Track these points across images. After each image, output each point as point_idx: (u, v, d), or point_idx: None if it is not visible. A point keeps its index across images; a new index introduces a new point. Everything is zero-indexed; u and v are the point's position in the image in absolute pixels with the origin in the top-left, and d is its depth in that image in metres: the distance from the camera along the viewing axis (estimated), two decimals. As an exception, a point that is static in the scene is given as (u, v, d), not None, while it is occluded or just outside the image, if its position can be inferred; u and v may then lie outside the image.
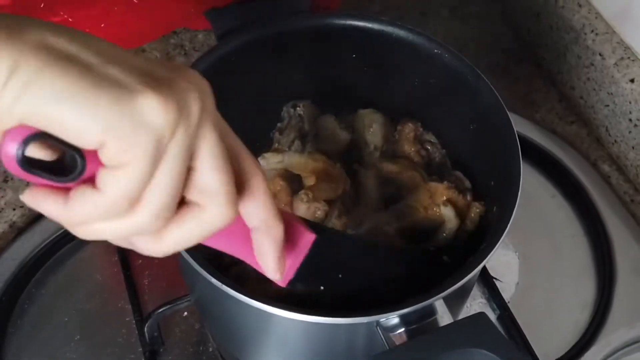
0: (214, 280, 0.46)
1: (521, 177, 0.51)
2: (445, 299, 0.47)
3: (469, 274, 0.46)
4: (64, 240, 0.70)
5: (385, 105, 0.63)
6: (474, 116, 0.57)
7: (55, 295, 0.69)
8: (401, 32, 0.58)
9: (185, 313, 0.67)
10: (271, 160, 0.59)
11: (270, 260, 0.37)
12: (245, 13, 0.59)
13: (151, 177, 0.30)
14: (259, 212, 0.36)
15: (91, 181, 0.31)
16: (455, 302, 0.53)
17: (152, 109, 0.29)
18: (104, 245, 0.72)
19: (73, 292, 0.69)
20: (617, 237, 0.73)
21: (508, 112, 0.79)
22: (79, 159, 0.30)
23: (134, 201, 0.30)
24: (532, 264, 0.72)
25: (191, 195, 0.33)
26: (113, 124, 0.28)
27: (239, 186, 0.34)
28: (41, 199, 0.31)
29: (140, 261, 0.71)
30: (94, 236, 0.32)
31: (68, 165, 0.30)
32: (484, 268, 0.70)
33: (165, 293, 0.68)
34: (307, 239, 0.40)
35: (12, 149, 0.29)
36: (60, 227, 0.33)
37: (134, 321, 0.66)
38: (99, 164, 0.30)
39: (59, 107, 0.28)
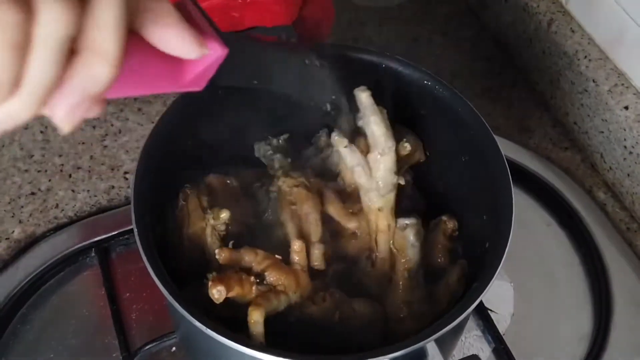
0: (197, 324, 0.44)
1: (513, 212, 0.49)
2: (437, 340, 0.46)
3: (461, 315, 0.45)
4: (50, 274, 0.69)
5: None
6: (465, 148, 0.56)
7: (41, 330, 0.67)
8: (390, 63, 0.57)
9: (174, 349, 0.66)
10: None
11: (180, 35, 0.33)
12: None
13: None
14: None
15: None
16: (448, 340, 0.52)
17: None
18: (91, 279, 0.72)
19: (59, 327, 0.67)
20: (613, 266, 0.72)
21: (502, 139, 0.81)
22: None
23: None
24: (528, 295, 0.71)
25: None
26: None
27: None
28: None
29: (127, 294, 0.69)
30: None
31: None
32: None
33: (153, 328, 0.66)
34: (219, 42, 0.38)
35: None
36: (47, 260, 0.31)
37: (120, 357, 0.64)
38: None
39: None
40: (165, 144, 0.54)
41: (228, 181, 0.58)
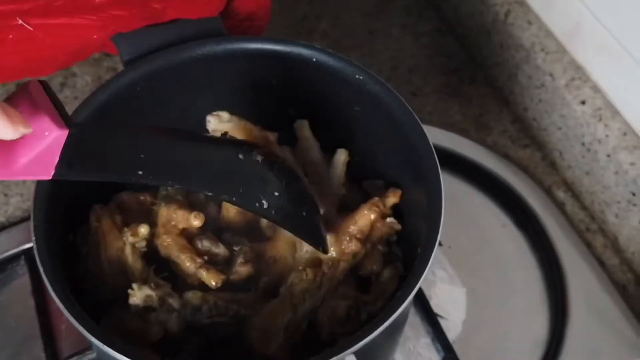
0: (97, 342, 0.41)
1: (442, 214, 0.46)
2: (359, 353, 0.42)
3: (378, 329, 0.41)
4: (-24, 283, 0.65)
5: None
6: (399, 144, 0.52)
7: (-34, 342, 0.64)
8: (321, 57, 0.54)
9: (103, 361, 0.62)
10: (224, 117, 0.56)
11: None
12: (153, 38, 0.54)
13: None
14: None
15: None
16: (374, 352, 0.49)
17: None
18: (19, 288, 0.68)
19: (-15, 339, 0.64)
20: (571, 269, 0.68)
21: (458, 136, 0.77)
22: None
23: None
24: (481, 300, 0.67)
25: None
26: None
27: None
28: None
29: (57, 305, 0.65)
30: None
31: None
32: (427, 305, 0.65)
33: (83, 340, 0.63)
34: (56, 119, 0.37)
35: None
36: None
37: (48, 370, 0.61)
38: None
39: None
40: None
41: (142, 197, 0.54)
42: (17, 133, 0.35)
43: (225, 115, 0.57)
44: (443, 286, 0.67)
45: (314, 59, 0.54)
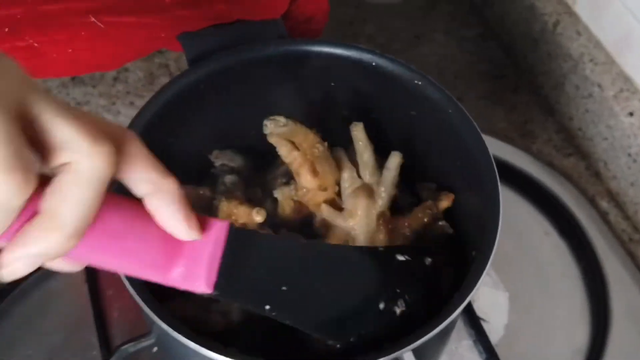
0: (164, 326, 0.43)
1: (500, 220, 0.47)
2: (415, 350, 0.44)
3: (441, 325, 0.42)
4: (32, 269, 0.67)
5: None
6: (456, 151, 0.53)
7: (20, 326, 0.65)
8: (381, 61, 0.55)
9: (155, 349, 0.64)
10: (280, 122, 0.56)
11: (177, 218, 0.33)
12: (219, 37, 0.56)
13: None
14: (144, 174, 0.31)
15: None
16: (429, 350, 0.50)
17: None
18: (73, 275, 0.70)
19: (39, 324, 0.66)
20: (613, 278, 0.69)
21: (502, 143, 0.78)
22: None
23: None
24: (523, 305, 0.68)
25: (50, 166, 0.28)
26: None
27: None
28: None
29: (111, 292, 0.67)
30: None
31: None
32: (471, 308, 0.66)
33: (135, 327, 0.64)
34: (220, 226, 0.36)
35: None
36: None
37: (100, 356, 0.63)
38: None
39: None
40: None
41: (201, 191, 0.56)
42: (189, 236, 0.34)
43: (281, 119, 0.58)
44: (486, 290, 0.68)
45: (374, 63, 0.55)
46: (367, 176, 0.58)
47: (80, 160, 0.28)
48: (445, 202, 0.55)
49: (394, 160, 0.57)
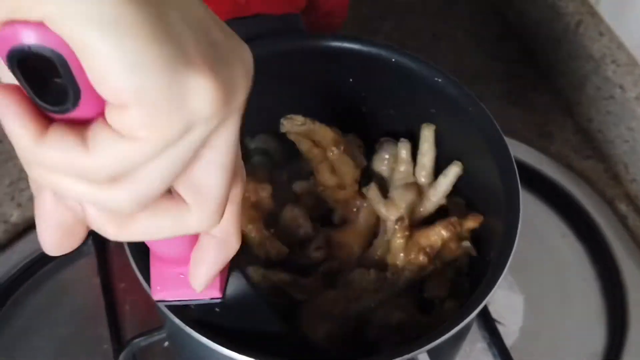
0: (177, 321, 0.42)
1: (519, 222, 0.46)
2: (430, 351, 0.43)
3: (457, 326, 0.42)
4: (45, 260, 0.67)
5: (382, 133, 0.59)
6: (476, 150, 0.52)
7: (33, 317, 0.65)
8: (401, 58, 0.54)
9: (167, 343, 0.64)
10: (297, 121, 0.56)
11: (205, 272, 0.33)
12: (238, 30, 0.55)
13: (153, 160, 0.25)
14: (227, 223, 0.31)
15: (76, 125, 0.25)
16: (443, 351, 0.49)
17: (201, 95, 0.24)
18: (86, 267, 0.70)
19: (51, 315, 0.66)
20: (631, 282, 0.68)
21: (520, 143, 0.77)
22: (71, 95, 0.24)
23: (119, 176, 0.25)
24: (538, 308, 0.67)
25: (179, 188, 0.28)
26: (152, 89, 0.23)
27: None
28: (13, 107, 0.24)
29: (123, 285, 0.67)
30: (50, 185, 0.26)
31: (55, 94, 0.24)
32: (486, 310, 0.65)
33: (147, 321, 0.64)
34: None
35: (17, 36, 0.23)
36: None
37: (111, 349, 0.63)
38: (97, 115, 0.25)
39: (102, 34, 0.22)
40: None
41: None
42: (198, 287, 0.34)
43: (299, 118, 0.57)
44: (501, 292, 0.67)
45: (393, 59, 0.54)
46: (422, 178, 0.56)
47: (193, 212, 0.29)
48: (471, 223, 0.53)
49: (454, 169, 0.55)
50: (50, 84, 0.24)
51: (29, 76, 0.24)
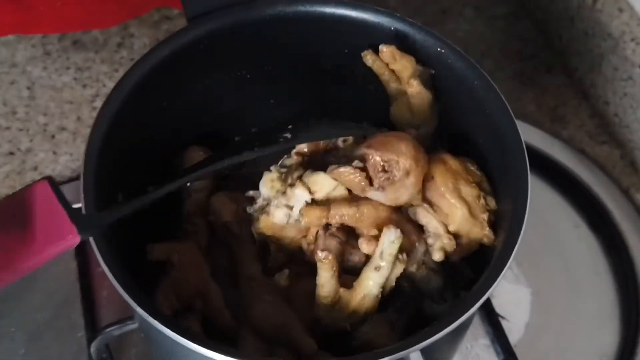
0: (142, 312, 0.38)
1: (526, 212, 0.41)
2: (425, 350, 0.39)
3: (451, 324, 0.37)
4: (19, 241, 0.63)
5: (380, 108, 0.54)
6: (482, 129, 0.48)
7: (5, 301, 0.62)
8: (399, 26, 0.49)
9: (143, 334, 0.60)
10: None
11: None
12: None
13: None
14: None
15: None
16: (439, 350, 0.45)
17: None
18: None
19: (24, 299, 0.62)
20: (647, 276, 0.63)
21: (531, 127, 0.72)
22: None
23: None
24: (547, 303, 0.63)
25: None
26: None
27: None
28: None
29: (100, 269, 0.63)
30: None
31: None
32: (489, 304, 0.61)
33: (124, 308, 0.60)
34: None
35: None
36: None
37: (85, 337, 0.59)
38: None
39: None
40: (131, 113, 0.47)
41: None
42: None
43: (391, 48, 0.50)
44: (506, 285, 0.63)
45: (392, 27, 0.50)
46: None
47: None
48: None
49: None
50: None
51: None
